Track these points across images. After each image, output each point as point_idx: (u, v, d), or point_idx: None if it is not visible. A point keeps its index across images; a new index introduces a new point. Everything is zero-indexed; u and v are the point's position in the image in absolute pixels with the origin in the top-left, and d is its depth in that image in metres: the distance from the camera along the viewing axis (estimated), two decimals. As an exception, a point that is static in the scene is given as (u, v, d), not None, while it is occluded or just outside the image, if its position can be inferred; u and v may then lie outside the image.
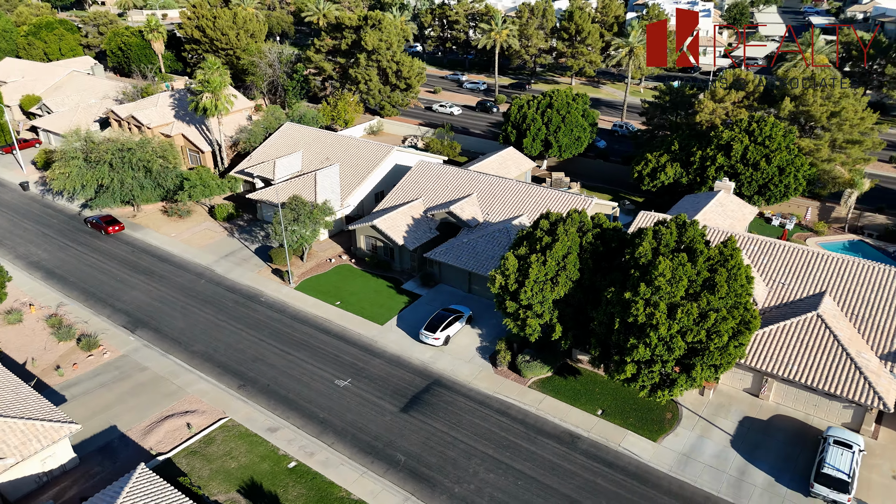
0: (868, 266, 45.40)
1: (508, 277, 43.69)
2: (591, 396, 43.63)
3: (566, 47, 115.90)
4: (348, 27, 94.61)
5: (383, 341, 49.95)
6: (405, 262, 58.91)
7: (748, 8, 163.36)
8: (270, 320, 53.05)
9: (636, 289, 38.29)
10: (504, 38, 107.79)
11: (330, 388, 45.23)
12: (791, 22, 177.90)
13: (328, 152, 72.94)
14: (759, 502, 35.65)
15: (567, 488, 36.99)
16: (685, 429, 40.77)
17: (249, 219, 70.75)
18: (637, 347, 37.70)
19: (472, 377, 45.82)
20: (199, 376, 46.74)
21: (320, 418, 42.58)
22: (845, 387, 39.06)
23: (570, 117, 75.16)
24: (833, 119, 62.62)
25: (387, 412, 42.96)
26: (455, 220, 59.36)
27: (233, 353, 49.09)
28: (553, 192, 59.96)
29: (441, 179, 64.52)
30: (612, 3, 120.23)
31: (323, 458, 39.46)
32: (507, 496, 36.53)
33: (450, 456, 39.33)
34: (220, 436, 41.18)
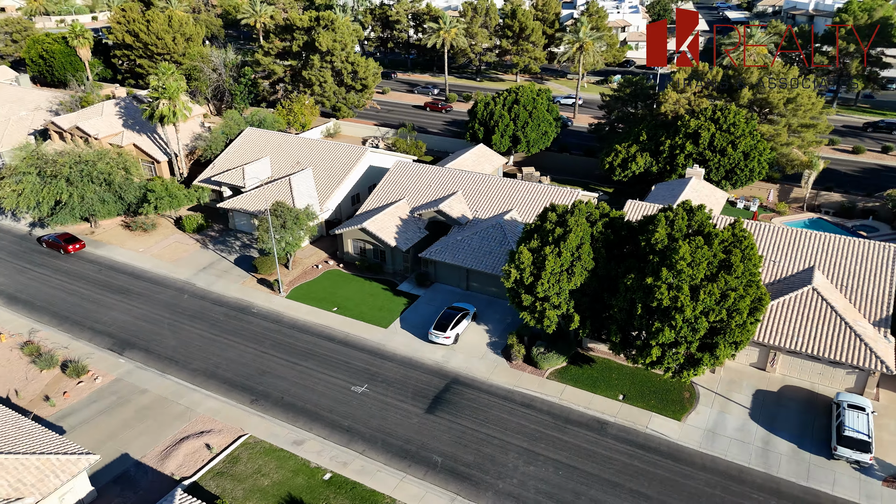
0: (849, 241, 48.49)
1: (524, 271, 44.03)
2: (609, 383, 44.59)
3: (511, 45, 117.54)
4: (299, 28, 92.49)
5: (391, 344, 49.28)
6: (397, 264, 58.29)
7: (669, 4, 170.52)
8: (268, 331, 51.32)
9: (658, 274, 39.41)
10: (453, 36, 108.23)
11: (348, 396, 44.24)
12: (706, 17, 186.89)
13: (298, 156, 71.16)
14: (788, 469, 37.47)
15: (608, 473, 37.70)
16: (705, 406, 42.33)
17: (221, 229, 68.10)
18: (662, 331, 38.85)
19: (489, 373, 45.90)
20: (205, 395, 44.69)
21: (345, 427, 41.60)
22: (848, 354, 41.62)
23: (536, 112, 76.39)
24: (789, 105, 66.49)
25: (412, 415, 42.45)
26: (444, 219, 59.22)
27: (237, 368, 47.20)
28: (538, 186, 60.78)
29: (422, 178, 64.19)
30: (550, 0, 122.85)
31: (358, 466, 38.59)
32: (552, 487, 36.87)
33: (486, 453, 39.30)
34: (244, 454, 39.54)
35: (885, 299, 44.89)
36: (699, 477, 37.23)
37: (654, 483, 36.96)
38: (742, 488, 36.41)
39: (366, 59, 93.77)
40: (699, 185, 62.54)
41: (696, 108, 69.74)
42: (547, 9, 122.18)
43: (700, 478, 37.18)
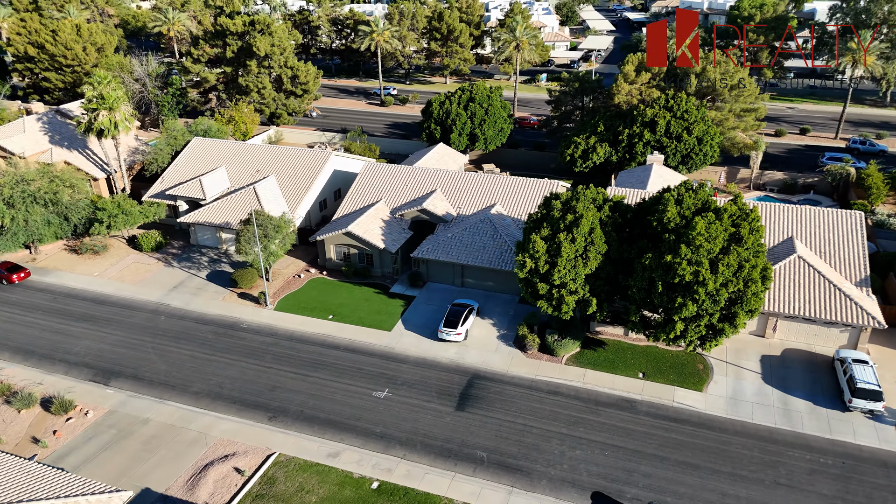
0: (818, 211, 52.21)
1: (538, 260, 44.28)
2: (626, 363, 45.62)
3: (440, 46, 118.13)
4: (233, 33, 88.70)
5: (400, 346, 48.12)
6: (386, 267, 57.01)
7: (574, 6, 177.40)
8: (265, 345, 48.75)
9: (677, 251, 40.79)
10: (386, 39, 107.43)
11: (371, 402, 42.76)
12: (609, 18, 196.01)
13: (257, 164, 68.15)
14: (811, 425, 39.77)
15: (651, 448, 38.53)
16: (720, 376, 44.18)
17: (182, 246, 64.02)
18: (685, 305, 40.23)
19: (507, 365, 45.78)
20: (216, 417, 41.81)
21: (378, 433, 40.17)
22: (842, 313, 44.80)
23: (492, 109, 77.19)
24: (733, 91, 70.86)
25: (443, 414, 41.62)
26: (429, 218, 58.56)
27: (243, 386, 44.52)
28: (516, 180, 61.38)
29: (397, 179, 63.21)
30: (474, 3, 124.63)
31: (403, 471, 37.36)
32: (603, 468, 37.24)
33: (528, 442, 39.13)
34: (279, 473, 37.30)
35: (860, 262, 48.66)
36: (735, 442, 38.78)
37: (697, 452, 38.14)
38: (777, 447, 38.26)
39: (305, 64, 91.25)
40: (662, 171, 65.31)
41: (648, 98, 72.85)
42: (471, 11, 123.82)
43: (736, 442, 38.73)
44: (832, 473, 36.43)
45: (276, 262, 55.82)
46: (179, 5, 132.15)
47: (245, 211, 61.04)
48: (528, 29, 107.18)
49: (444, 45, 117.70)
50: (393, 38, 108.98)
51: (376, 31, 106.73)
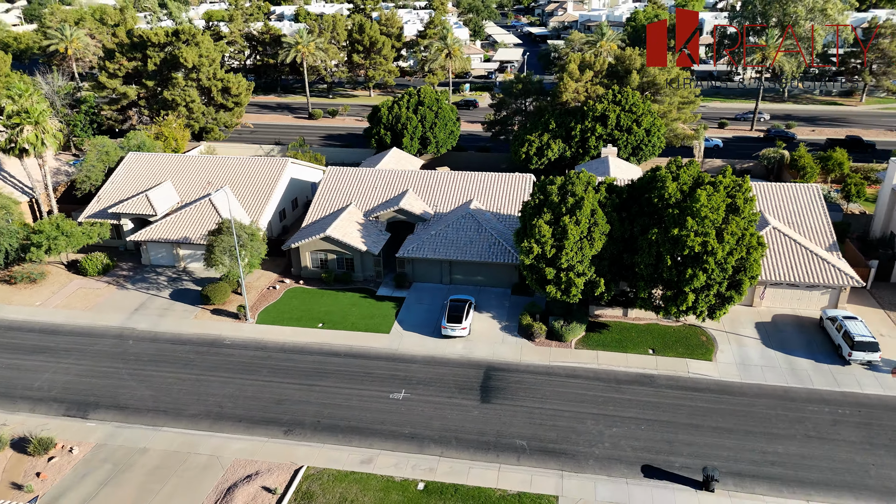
0: (779, 186, 55.48)
1: (545, 244, 44.04)
2: (633, 341, 46.06)
3: (363, 59, 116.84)
4: (154, 45, 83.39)
5: (404, 347, 46.19)
6: (367, 271, 54.79)
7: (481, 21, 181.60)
8: (258, 359, 45.31)
9: (683, 224, 41.82)
10: (311, 50, 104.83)
11: (390, 405, 40.60)
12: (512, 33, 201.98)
13: (207, 177, 64.00)
14: (819, 381, 41.67)
15: (682, 418, 38.91)
16: (724, 344, 45.53)
17: (132, 267, 58.70)
18: (696, 276, 41.24)
19: (518, 355, 44.99)
20: (225, 438, 38.18)
21: (407, 434, 38.10)
22: (824, 276, 47.58)
23: (442, 112, 76.88)
24: (672, 84, 74.50)
25: (470, 408, 40.16)
26: (406, 218, 57.03)
27: (245, 403, 41.04)
28: (487, 176, 61.14)
29: (364, 182, 61.28)
30: (393, 16, 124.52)
31: (446, 468, 35.56)
32: (643, 441, 37.14)
33: (563, 426, 38.45)
34: (314, 487, 34.43)
35: (826, 229, 52.04)
36: (758, 403, 39.92)
37: (726, 417, 38.90)
38: (796, 404, 39.74)
39: (237, 76, 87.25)
40: (618, 163, 67.28)
41: (593, 95, 75.14)
42: (391, 24, 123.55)
43: (759, 404, 39.88)
44: (853, 422, 38.21)
45: (251, 273, 52.26)
46: (73, 23, 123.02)
47: (203, 224, 57.04)
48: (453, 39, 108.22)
49: (366, 57, 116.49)
50: (318, 49, 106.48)
51: (301, 42, 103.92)
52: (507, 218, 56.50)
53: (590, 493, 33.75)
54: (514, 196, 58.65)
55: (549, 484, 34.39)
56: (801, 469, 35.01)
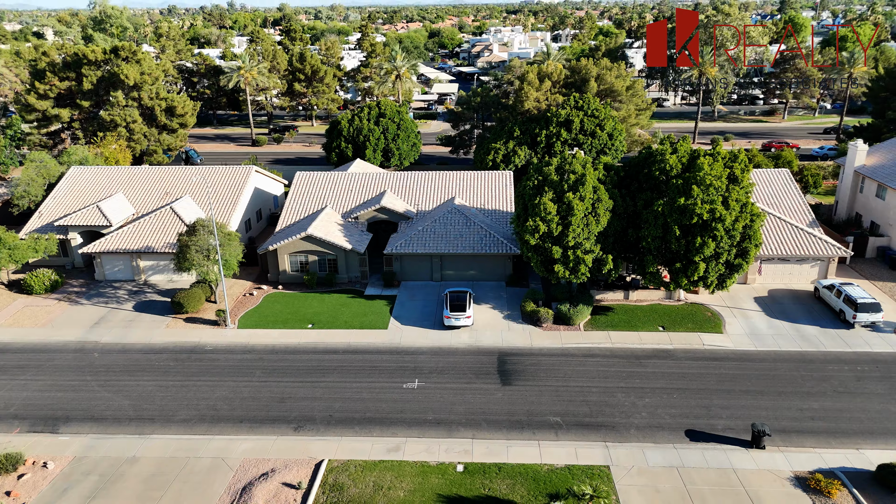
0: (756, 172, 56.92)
1: (550, 222, 42.78)
2: (640, 321, 44.98)
3: (304, 87, 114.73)
4: (91, 63, 78.47)
5: (406, 341, 43.24)
6: (352, 271, 51.67)
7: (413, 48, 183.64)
8: (248, 362, 41.18)
9: (689, 193, 41.64)
10: (255, 75, 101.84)
11: (406, 394, 37.48)
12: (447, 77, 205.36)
13: (163, 188, 59.54)
14: (829, 344, 41.71)
15: (712, 384, 37.79)
16: (730, 318, 45.17)
17: (85, 283, 53.08)
18: (706, 244, 40.88)
19: (529, 341, 42.95)
20: (227, 440, 33.90)
21: (432, 420, 35.05)
22: (813, 248, 48.52)
23: (404, 124, 75.61)
24: (629, 91, 76.42)
25: (492, 391, 37.59)
26: (388, 217, 54.60)
27: (244, 404, 36.87)
28: (465, 173, 59.84)
29: (337, 185, 58.61)
30: (334, 45, 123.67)
31: (483, 450, 32.70)
32: (679, 409, 35.66)
33: (594, 401, 36.49)
34: (342, 478, 30.75)
35: (804, 209, 53.48)
36: (780, 367, 39.40)
37: (754, 381, 38.08)
38: (816, 366, 39.48)
39: (180, 95, 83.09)
40: (587, 164, 67.66)
41: (553, 102, 76.01)
42: (331, 54, 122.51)
43: (781, 367, 39.37)
44: (875, 377, 38.20)
45: (229, 276, 48.12)
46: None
47: (166, 232, 52.63)
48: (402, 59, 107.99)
49: (308, 85, 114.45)
50: (261, 74, 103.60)
51: (244, 66, 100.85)
52: (492, 213, 55.12)
53: (641, 461, 31.71)
54: (496, 193, 57.48)
55: (596, 455, 32.14)
56: (842, 421, 34.37)
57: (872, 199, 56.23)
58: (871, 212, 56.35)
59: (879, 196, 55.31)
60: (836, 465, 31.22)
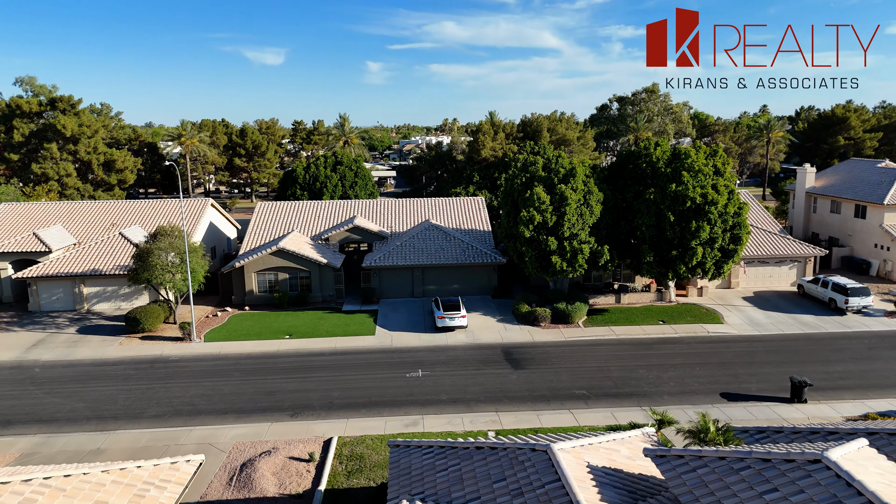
0: (716, 193, 58.47)
1: (545, 212, 41.63)
2: (638, 318, 43.33)
3: (245, 162, 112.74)
4: (25, 114, 74.16)
5: (399, 343, 39.65)
6: (327, 290, 47.96)
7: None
8: (221, 366, 36.32)
9: (679, 179, 41.80)
10: (196, 143, 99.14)
11: (413, 381, 33.69)
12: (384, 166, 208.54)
13: (110, 220, 54.91)
14: (829, 327, 41.18)
15: (730, 359, 36.17)
16: (727, 313, 44.26)
17: (15, 315, 46.66)
18: (701, 228, 40.61)
19: (530, 337, 40.31)
20: (212, 428, 28.93)
21: (446, 400, 31.34)
22: (792, 249, 49.30)
23: (362, 172, 74.50)
24: (579, 140, 78.93)
25: (506, 374, 34.42)
26: (361, 237, 51.95)
27: (226, 399, 31.98)
28: (440, 200, 58.56)
29: (302, 213, 55.79)
30: (275, 124, 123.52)
31: (511, 419, 29.23)
32: (705, 378, 33.63)
33: (617, 377, 33.93)
34: (360, 449, 26.41)
35: (771, 220, 54.85)
36: (791, 345, 38.40)
37: (771, 354, 36.76)
38: (825, 342, 38.74)
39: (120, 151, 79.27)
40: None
41: (509, 152, 77.33)
42: (272, 132, 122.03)
43: (793, 344, 38.39)
44: (885, 346, 37.74)
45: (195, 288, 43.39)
46: None
47: (116, 256, 47.83)
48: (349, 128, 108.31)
49: (249, 160, 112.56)
50: (202, 143, 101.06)
51: (185, 134, 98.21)
52: (470, 231, 53.52)
53: (683, 419, 28.98)
54: (469, 216, 56.20)
55: (636, 416, 29.26)
56: (871, 379, 33.23)
57: (828, 216, 58.60)
58: (828, 228, 58.53)
59: (835, 212, 57.72)
60: (882, 409, 29.63)
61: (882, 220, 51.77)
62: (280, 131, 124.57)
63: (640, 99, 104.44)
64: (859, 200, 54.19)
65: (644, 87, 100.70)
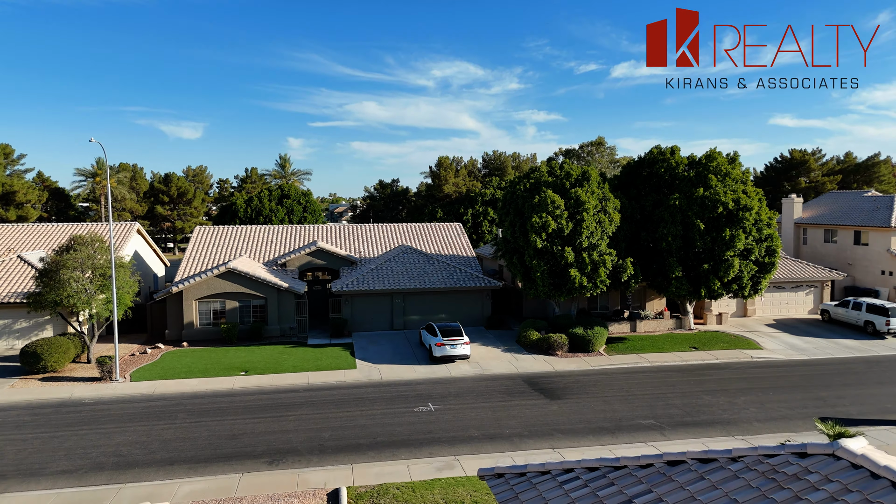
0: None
1: (559, 217, 35.31)
2: (663, 345, 36.94)
3: (168, 210, 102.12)
4: None
5: (390, 376, 31.39)
6: (286, 321, 39.14)
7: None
8: (163, 407, 26.90)
9: (707, 184, 36.74)
10: (114, 185, 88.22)
11: (425, 416, 25.53)
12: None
13: (7, 244, 44.45)
14: (875, 350, 36.20)
15: (800, 382, 30.11)
16: (759, 338, 38.62)
17: None
18: (736, 237, 35.34)
19: (551, 367, 33.00)
20: (155, 484, 19.74)
21: (479, 437, 23.36)
22: (809, 273, 44.85)
23: (311, 206, 66.69)
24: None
25: (542, 405, 26.87)
26: (326, 262, 43.77)
27: (170, 446, 22.77)
28: (413, 225, 51.28)
29: (250, 238, 47.20)
30: (202, 172, 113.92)
31: (577, 455, 21.55)
32: (791, 403, 27.37)
33: (683, 404, 27.07)
34: (387, 501, 17.96)
35: (771, 248, 50.74)
36: (852, 366, 32.97)
37: (840, 376, 31.10)
38: (886, 364, 33.47)
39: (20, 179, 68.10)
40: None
41: (472, 187, 71.74)
42: (199, 180, 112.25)
43: (853, 366, 32.96)
44: (954, 365, 32.77)
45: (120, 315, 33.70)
46: None
47: (12, 281, 37.69)
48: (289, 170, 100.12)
49: (174, 208, 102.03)
50: (121, 184, 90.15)
51: (100, 173, 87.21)
52: (453, 256, 46.40)
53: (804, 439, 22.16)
54: (448, 242, 49.24)
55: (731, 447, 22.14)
56: (975, 397, 27.72)
57: (821, 246, 55.26)
58: (821, 258, 55.04)
59: (829, 241, 54.46)
60: None
61: (889, 245, 48.46)
62: (208, 179, 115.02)
63: (587, 151, 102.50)
64: (859, 226, 51.02)
65: (590, 141, 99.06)
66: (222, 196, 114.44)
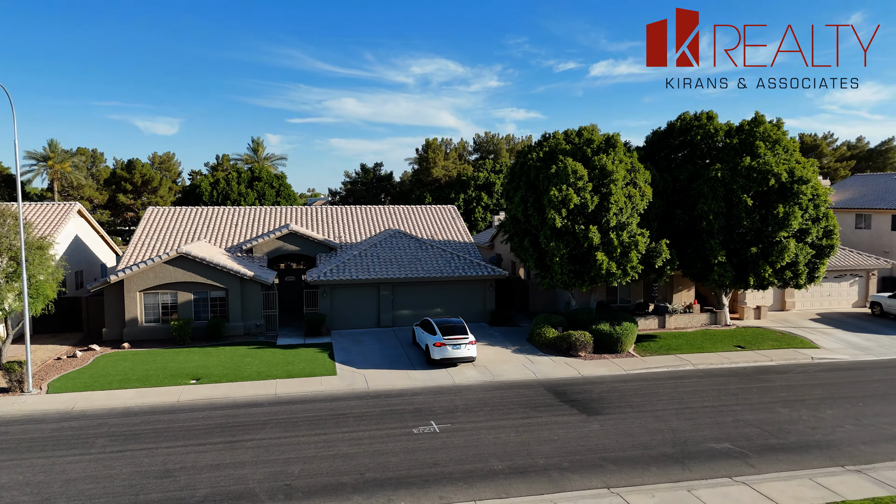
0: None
1: (582, 190, 29.28)
2: (702, 343, 31.16)
3: (132, 199, 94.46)
4: None
5: (378, 385, 25.10)
6: (252, 317, 32.64)
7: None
8: (77, 429, 20.39)
9: (754, 152, 30.97)
10: (67, 169, 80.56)
11: (427, 441, 19.31)
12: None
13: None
14: (953, 347, 30.88)
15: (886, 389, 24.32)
16: (811, 335, 33.03)
17: None
18: (791, 213, 29.59)
19: (576, 371, 26.98)
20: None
21: (505, 470, 17.19)
22: (854, 260, 39.48)
23: (285, 190, 60.07)
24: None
25: (579, 424, 20.79)
26: (300, 248, 37.28)
27: (76, 491, 16.27)
28: (401, 207, 45.02)
29: (210, 221, 40.62)
30: (170, 159, 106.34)
31: (647, 499, 15.51)
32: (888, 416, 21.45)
33: (756, 420, 21.17)
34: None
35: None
36: (938, 367, 27.29)
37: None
38: (974, 364, 27.96)
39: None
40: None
41: (463, 171, 65.63)
42: (167, 167, 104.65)
43: (940, 368, 27.27)
44: None
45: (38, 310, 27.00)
46: None
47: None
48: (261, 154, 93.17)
49: (137, 197, 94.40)
50: (77, 170, 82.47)
51: (52, 157, 79.47)
52: (448, 242, 40.24)
53: (937, 483, 16.45)
54: (442, 226, 43.09)
55: (856, 486, 16.31)
56: None
57: (852, 233, 49.97)
58: (854, 246, 49.68)
59: (862, 227, 49.19)
60: None
61: (936, 229, 43.27)
62: (176, 167, 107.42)
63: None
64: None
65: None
66: (193, 185, 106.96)
